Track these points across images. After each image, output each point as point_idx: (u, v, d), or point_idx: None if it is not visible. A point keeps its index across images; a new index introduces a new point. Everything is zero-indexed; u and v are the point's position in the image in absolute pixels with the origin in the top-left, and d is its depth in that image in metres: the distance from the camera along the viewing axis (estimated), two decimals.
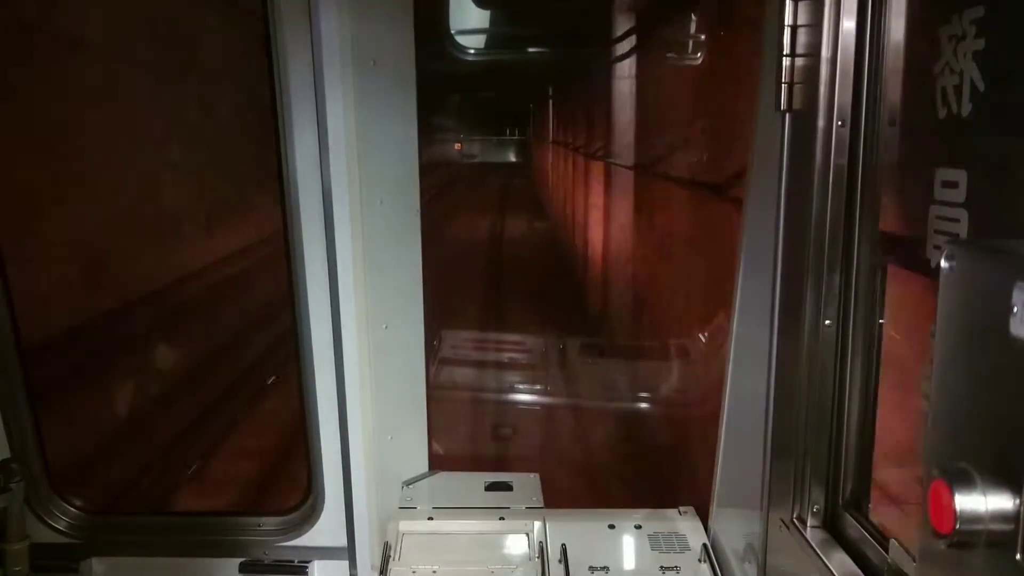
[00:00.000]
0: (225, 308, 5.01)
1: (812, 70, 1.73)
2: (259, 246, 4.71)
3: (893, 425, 1.69)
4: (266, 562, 2.67)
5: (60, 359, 3.29)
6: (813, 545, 1.78)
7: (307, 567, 2.65)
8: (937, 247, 1.42)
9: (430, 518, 2.64)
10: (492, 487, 2.85)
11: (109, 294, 3.82)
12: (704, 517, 2.60)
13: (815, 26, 1.71)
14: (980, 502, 0.91)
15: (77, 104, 3.42)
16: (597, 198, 7.15)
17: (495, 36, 6.05)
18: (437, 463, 2.95)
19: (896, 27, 1.59)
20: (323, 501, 2.61)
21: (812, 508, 1.85)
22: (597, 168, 7.15)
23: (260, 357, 4.91)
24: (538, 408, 5.33)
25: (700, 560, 2.44)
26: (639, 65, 5.75)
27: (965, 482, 0.93)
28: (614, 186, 6.48)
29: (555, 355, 5.80)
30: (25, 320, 2.59)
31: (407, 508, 2.71)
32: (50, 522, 2.71)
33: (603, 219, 6.90)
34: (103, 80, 3.63)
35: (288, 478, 3.35)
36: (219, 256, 5.01)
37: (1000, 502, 0.90)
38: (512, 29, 6.16)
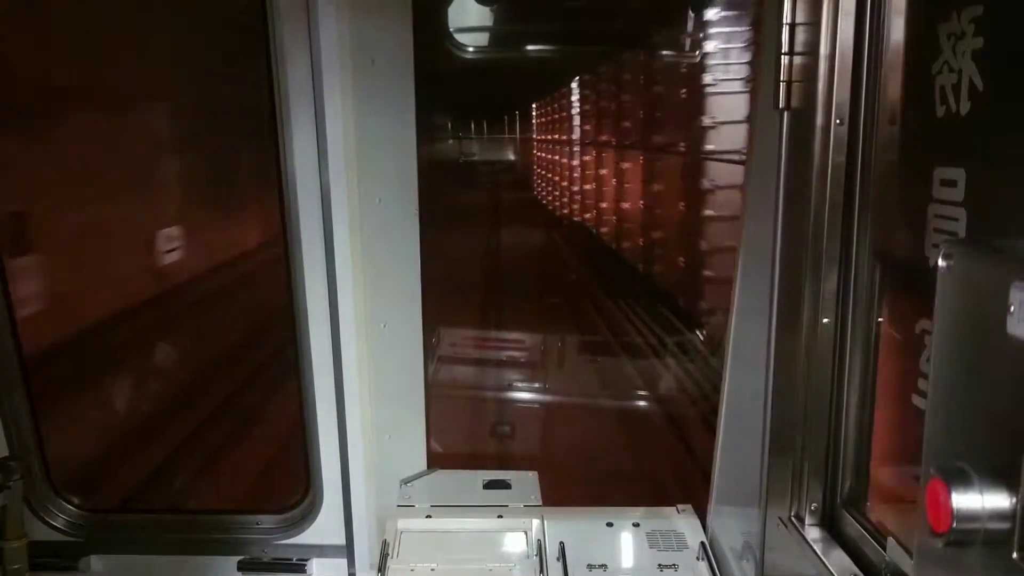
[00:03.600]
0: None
1: (810, 68, 1.73)
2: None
3: None
4: (264, 560, 2.67)
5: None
6: (811, 543, 1.78)
7: (305, 565, 2.66)
8: (935, 246, 1.42)
9: (428, 516, 2.64)
10: (490, 485, 2.85)
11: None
12: (702, 515, 2.61)
13: (814, 24, 1.71)
14: (977, 501, 0.91)
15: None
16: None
17: (495, 34, 6.05)
18: (435, 461, 2.95)
19: (895, 25, 1.59)
20: (322, 499, 2.62)
21: (810, 506, 1.85)
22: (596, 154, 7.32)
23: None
24: (537, 405, 5.34)
25: (698, 558, 2.44)
26: (639, 62, 5.77)
27: (962, 481, 0.93)
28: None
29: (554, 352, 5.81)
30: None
31: (405, 506, 2.71)
32: (49, 520, 2.71)
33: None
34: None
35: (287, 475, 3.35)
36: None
37: (997, 501, 0.90)
38: (511, 27, 6.16)
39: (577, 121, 8.88)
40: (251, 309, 4.90)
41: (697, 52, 4.64)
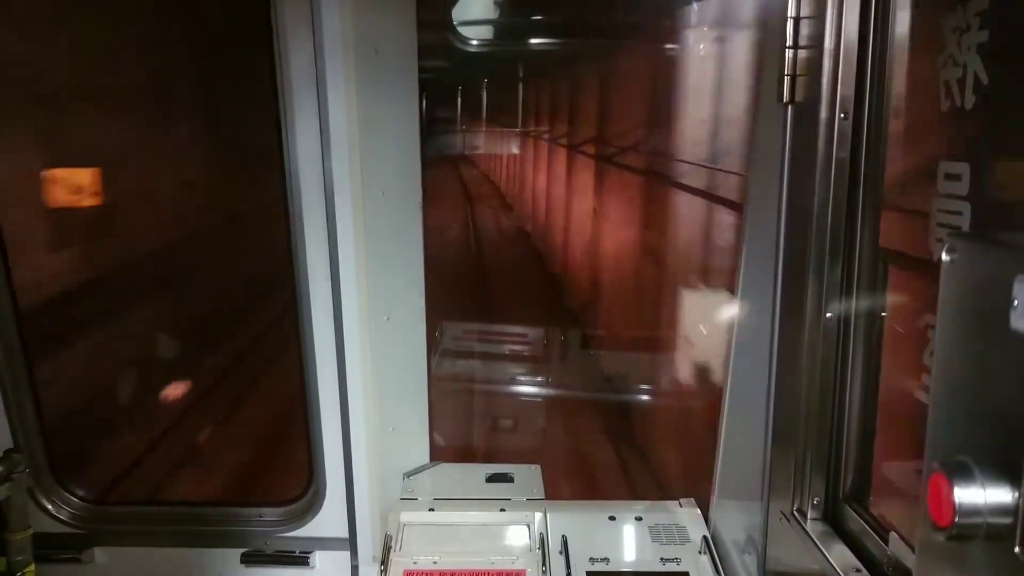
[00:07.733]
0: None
1: (815, 62, 1.72)
2: None
3: None
4: (267, 552, 2.68)
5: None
6: (813, 537, 1.78)
7: (308, 558, 2.66)
8: (939, 239, 1.41)
9: (431, 509, 2.65)
10: (493, 478, 2.85)
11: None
12: (705, 509, 2.61)
13: (818, 17, 1.71)
14: (979, 495, 0.91)
15: None
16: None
17: (498, 26, 6.03)
18: (438, 454, 2.96)
19: (900, 19, 1.59)
20: (324, 492, 2.62)
21: (812, 500, 1.85)
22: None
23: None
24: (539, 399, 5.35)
25: (700, 552, 2.44)
26: (646, 55, 5.75)
27: (964, 475, 0.93)
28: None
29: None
30: None
31: (408, 499, 2.71)
32: (53, 512, 2.72)
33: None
34: None
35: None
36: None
37: (999, 495, 0.90)
38: (515, 19, 6.14)
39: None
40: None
41: (702, 46, 4.61)
